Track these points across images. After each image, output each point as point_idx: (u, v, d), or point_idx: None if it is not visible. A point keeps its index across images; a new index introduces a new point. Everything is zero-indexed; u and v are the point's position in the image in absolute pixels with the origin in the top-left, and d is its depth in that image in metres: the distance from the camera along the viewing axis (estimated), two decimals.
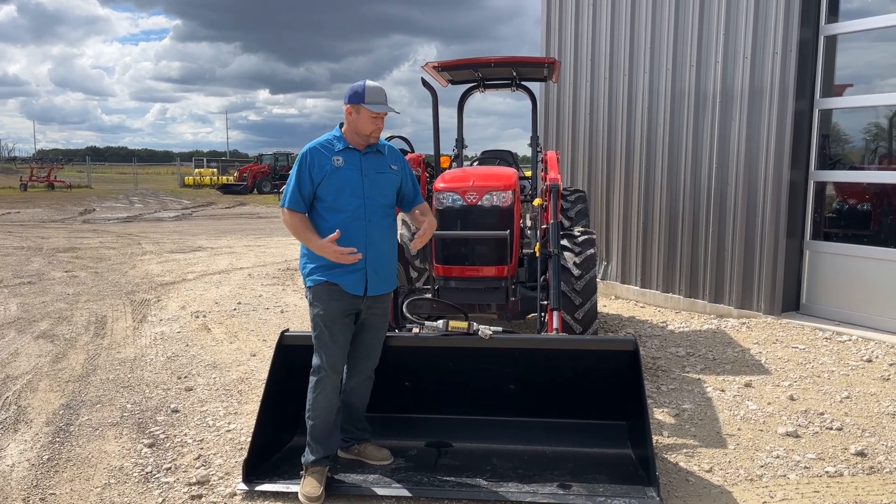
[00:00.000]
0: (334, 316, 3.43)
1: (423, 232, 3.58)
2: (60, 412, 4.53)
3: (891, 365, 5.40)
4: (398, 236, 5.76)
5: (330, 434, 3.50)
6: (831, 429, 4.18)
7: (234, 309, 7.61)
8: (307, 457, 3.45)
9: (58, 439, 4.10)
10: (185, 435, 4.15)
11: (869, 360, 5.53)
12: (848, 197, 7.02)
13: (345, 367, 3.62)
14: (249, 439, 3.63)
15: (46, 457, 3.87)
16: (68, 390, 4.95)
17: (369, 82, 3.48)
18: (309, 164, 3.43)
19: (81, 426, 4.30)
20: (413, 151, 6.20)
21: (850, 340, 6.07)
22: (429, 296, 5.17)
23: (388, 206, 3.59)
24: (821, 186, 6.86)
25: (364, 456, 3.67)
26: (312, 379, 3.48)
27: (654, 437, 3.90)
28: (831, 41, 6.62)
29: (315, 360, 3.48)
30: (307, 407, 3.48)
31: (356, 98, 3.44)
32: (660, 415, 4.45)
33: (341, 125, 3.55)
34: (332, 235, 3.32)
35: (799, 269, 6.91)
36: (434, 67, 5.86)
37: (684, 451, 3.89)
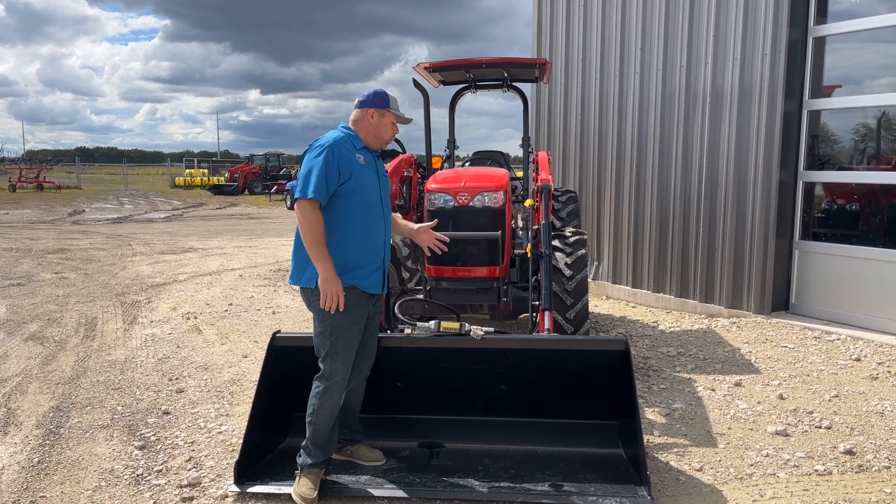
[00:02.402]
0: (355, 320, 3.37)
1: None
2: (50, 414, 4.50)
3: (879, 364, 5.44)
4: None
5: (329, 438, 3.48)
6: (820, 427, 4.21)
7: (226, 310, 7.59)
8: (304, 459, 3.40)
9: (48, 442, 4.08)
10: (177, 437, 4.14)
11: (857, 359, 5.57)
12: (837, 197, 7.07)
13: None
14: (241, 441, 3.61)
15: (37, 459, 3.85)
16: (58, 392, 4.92)
17: (389, 92, 3.57)
18: (338, 157, 3.29)
19: (72, 428, 4.28)
20: (405, 152, 6.20)
21: (838, 339, 6.12)
22: (420, 296, 5.17)
23: (390, 208, 3.69)
24: (810, 187, 6.91)
25: (356, 457, 3.67)
26: (320, 385, 3.36)
27: (645, 437, 3.93)
28: (820, 42, 6.67)
29: (327, 367, 3.35)
30: (310, 412, 3.38)
31: (381, 102, 3.47)
32: (651, 414, 4.47)
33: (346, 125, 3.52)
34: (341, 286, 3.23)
35: (788, 268, 6.96)
36: (426, 68, 5.87)
37: (675, 450, 3.91)
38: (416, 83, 5.92)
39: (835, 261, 6.63)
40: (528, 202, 5.38)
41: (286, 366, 3.73)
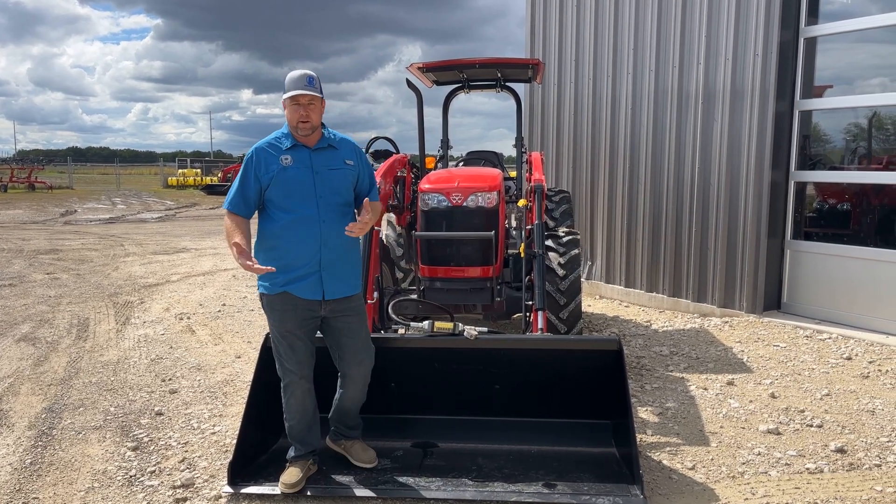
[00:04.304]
0: (291, 327, 3.35)
1: (363, 219, 3.28)
2: (43, 416, 4.49)
3: (870, 363, 5.48)
4: (383, 237, 5.77)
5: (307, 432, 3.52)
6: (812, 426, 4.23)
7: (219, 311, 7.57)
8: (289, 452, 3.52)
9: (40, 443, 4.07)
10: (170, 438, 4.13)
11: (849, 358, 5.60)
12: (828, 197, 7.11)
13: (335, 373, 3.58)
14: (234, 441, 3.62)
15: (29, 461, 3.83)
16: (50, 394, 4.90)
17: (294, 72, 3.29)
18: (255, 164, 3.30)
19: (64, 430, 4.26)
20: (398, 152, 6.20)
21: (830, 339, 6.15)
22: (414, 296, 5.18)
23: (346, 205, 3.39)
24: (801, 186, 6.95)
25: (350, 453, 3.62)
26: (282, 383, 3.46)
27: (638, 436, 3.93)
28: (811, 43, 6.71)
29: (278, 367, 3.46)
30: (283, 408, 3.51)
31: (283, 91, 3.30)
32: (644, 413, 4.48)
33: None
34: (242, 248, 3.16)
35: (780, 268, 6.99)
36: (419, 68, 5.87)
37: (668, 449, 3.92)
38: (409, 83, 5.93)
39: (826, 260, 6.67)
40: (521, 202, 5.39)
41: None
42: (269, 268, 3.16)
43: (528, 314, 4.73)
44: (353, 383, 3.54)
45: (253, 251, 3.33)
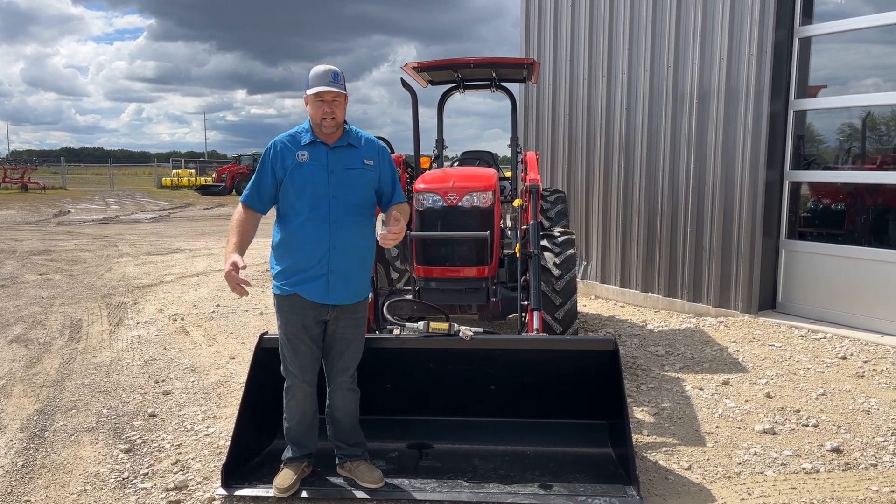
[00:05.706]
0: (295, 330, 3.32)
1: (397, 228, 3.23)
2: (35, 418, 4.45)
3: (865, 362, 5.48)
4: (378, 237, 5.75)
5: (306, 435, 3.49)
6: (807, 426, 4.23)
7: (213, 311, 7.53)
8: (285, 453, 3.48)
9: (32, 445, 4.03)
10: (163, 440, 4.10)
11: (844, 358, 5.61)
12: (822, 196, 7.12)
13: (325, 379, 3.54)
14: (228, 443, 3.59)
15: (21, 463, 3.80)
16: (43, 395, 4.86)
17: (317, 67, 3.23)
18: (272, 158, 3.28)
19: (56, 432, 4.23)
20: (393, 152, 6.18)
21: (825, 338, 6.16)
22: (409, 297, 5.16)
23: (361, 206, 3.32)
24: (796, 186, 6.96)
25: (356, 475, 3.45)
26: (285, 384, 3.46)
27: (634, 436, 3.93)
28: (805, 43, 6.72)
29: (282, 367, 3.45)
30: (283, 409, 3.48)
31: (306, 86, 3.25)
32: (639, 413, 4.48)
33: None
34: (238, 262, 3.17)
35: (775, 267, 7.00)
36: (414, 68, 5.86)
37: (664, 449, 3.92)
38: (404, 83, 5.91)
39: (821, 260, 6.68)
40: (516, 202, 5.38)
41: (274, 368, 3.69)
42: (243, 286, 3.16)
43: (523, 314, 4.72)
44: (338, 390, 3.49)
45: (271, 250, 3.42)
